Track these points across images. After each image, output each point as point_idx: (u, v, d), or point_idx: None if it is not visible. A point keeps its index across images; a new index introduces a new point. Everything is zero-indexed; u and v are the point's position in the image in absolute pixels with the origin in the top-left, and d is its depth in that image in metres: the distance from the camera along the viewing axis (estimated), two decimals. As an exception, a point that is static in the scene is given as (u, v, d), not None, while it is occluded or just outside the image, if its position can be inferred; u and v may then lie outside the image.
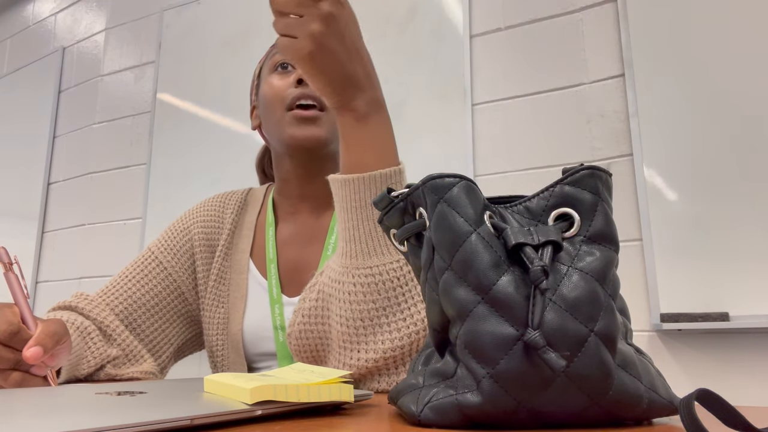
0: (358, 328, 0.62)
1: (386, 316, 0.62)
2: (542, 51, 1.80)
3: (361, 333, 0.62)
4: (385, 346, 0.61)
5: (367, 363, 0.62)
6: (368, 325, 0.62)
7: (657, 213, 1.53)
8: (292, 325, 0.68)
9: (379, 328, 0.62)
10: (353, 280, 0.62)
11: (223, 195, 0.95)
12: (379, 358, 0.62)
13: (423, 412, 0.36)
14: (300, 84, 0.83)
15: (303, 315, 0.67)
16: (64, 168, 2.78)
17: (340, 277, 0.64)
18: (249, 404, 0.37)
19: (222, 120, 2.34)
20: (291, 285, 0.85)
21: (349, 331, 0.63)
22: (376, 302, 0.62)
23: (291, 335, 0.68)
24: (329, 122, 0.84)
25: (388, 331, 0.62)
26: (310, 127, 0.82)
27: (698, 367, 1.47)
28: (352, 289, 0.62)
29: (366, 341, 0.62)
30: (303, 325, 0.67)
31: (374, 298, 0.62)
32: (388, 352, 0.61)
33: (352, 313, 0.62)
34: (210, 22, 2.48)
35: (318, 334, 0.67)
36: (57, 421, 0.31)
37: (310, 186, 0.87)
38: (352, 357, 0.63)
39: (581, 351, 0.33)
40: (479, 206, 0.38)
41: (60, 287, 2.63)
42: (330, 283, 0.65)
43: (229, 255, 0.89)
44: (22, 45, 3.20)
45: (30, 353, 0.54)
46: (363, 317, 0.62)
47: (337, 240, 0.80)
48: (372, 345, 0.62)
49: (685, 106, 1.55)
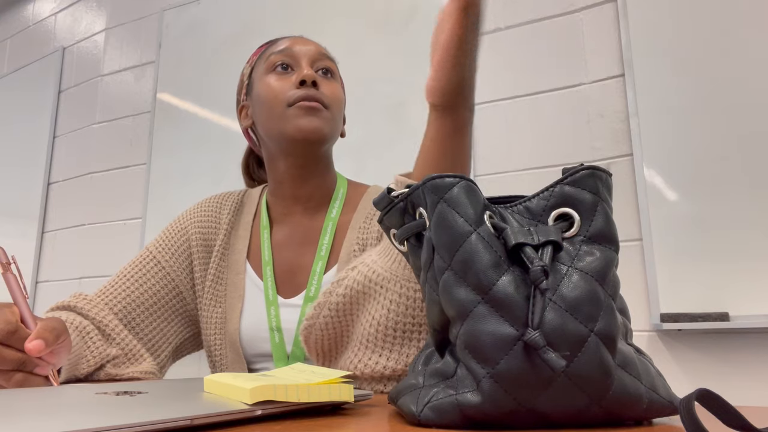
0: (387, 336, 0.62)
1: (419, 332, 0.62)
2: (542, 51, 1.80)
3: (389, 341, 0.62)
4: (410, 359, 0.61)
5: (386, 370, 0.62)
6: (399, 335, 0.61)
7: (657, 213, 1.53)
8: (316, 317, 0.66)
9: (408, 342, 0.62)
10: (400, 290, 0.61)
11: (220, 196, 0.96)
12: (399, 369, 0.61)
13: (423, 412, 0.36)
14: (302, 85, 0.82)
15: (329, 309, 0.65)
16: (64, 168, 2.78)
17: (385, 283, 0.62)
18: (249, 404, 0.37)
19: (222, 120, 2.34)
20: (286, 287, 0.85)
21: (378, 335, 0.62)
22: (415, 318, 0.61)
23: (313, 326, 0.66)
24: (332, 121, 0.84)
25: (417, 346, 0.61)
26: (316, 119, 0.82)
27: (698, 367, 1.47)
28: (396, 299, 0.61)
29: (392, 349, 0.62)
30: (329, 318, 0.65)
31: (415, 314, 0.61)
32: (409, 366, 0.61)
33: (387, 321, 0.61)
34: (210, 22, 2.48)
35: (340, 328, 0.65)
36: (57, 421, 0.31)
37: (303, 187, 0.88)
38: (372, 359, 0.62)
39: (581, 351, 0.33)
40: (479, 206, 0.38)
41: (60, 287, 2.63)
42: (369, 284, 0.63)
43: (226, 255, 0.90)
44: (22, 45, 3.20)
45: (32, 345, 0.54)
46: (397, 327, 0.61)
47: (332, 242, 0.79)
48: (396, 355, 0.62)
49: (685, 106, 1.55)
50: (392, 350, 0.62)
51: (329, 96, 0.84)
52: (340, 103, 0.87)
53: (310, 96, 0.82)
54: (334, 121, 0.85)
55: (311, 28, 2.18)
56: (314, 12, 2.22)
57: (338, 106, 0.86)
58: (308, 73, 0.82)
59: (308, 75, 0.82)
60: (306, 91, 0.82)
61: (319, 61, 0.87)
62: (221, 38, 2.42)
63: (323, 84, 0.84)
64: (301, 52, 0.86)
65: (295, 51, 0.86)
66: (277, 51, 0.87)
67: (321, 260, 0.83)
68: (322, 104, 0.83)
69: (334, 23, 2.16)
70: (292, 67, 0.86)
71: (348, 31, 2.10)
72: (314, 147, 0.84)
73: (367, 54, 2.03)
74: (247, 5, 2.39)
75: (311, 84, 0.82)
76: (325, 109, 0.83)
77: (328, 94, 0.84)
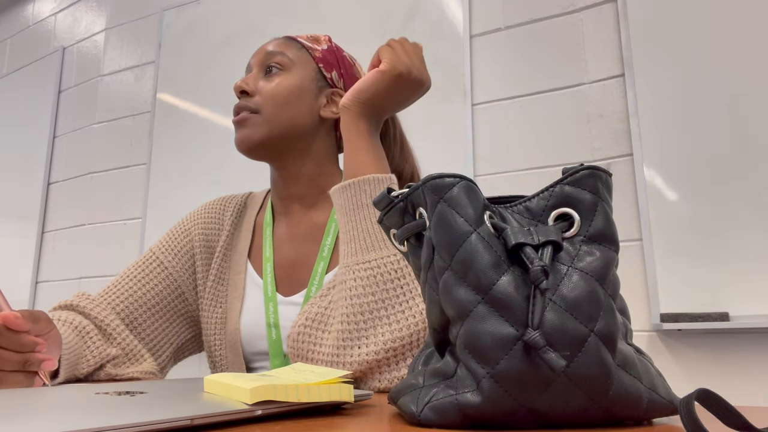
0: (358, 323, 0.64)
1: (385, 308, 0.63)
2: (542, 51, 1.80)
3: (361, 327, 0.64)
4: (386, 338, 0.63)
5: (368, 357, 0.63)
6: (368, 318, 0.64)
7: (657, 213, 1.53)
8: (294, 327, 0.70)
9: (378, 321, 0.63)
10: (353, 275, 0.65)
11: (224, 198, 0.97)
12: (379, 350, 0.63)
13: (423, 412, 0.36)
14: (238, 98, 0.87)
15: (307, 318, 0.69)
16: (64, 168, 2.78)
17: (342, 278, 0.67)
18: (249, 404, 0.37)
19: (222, 120, 2.34)
20: (286, 283, 0.86)
21: (350, 327, 0.64)
22: (375, 294, 0.64)
23: (290, 336, 0.70)
24: (265, 123, 0.84)
25: (388, 323, 0.63)
26: (241, 131, 0.85)
27: (698, 367, 1.47)
28: (352, 284, 0.65)
29: (366, 335, 0.63)
30: (304, 327, 0.69)
31: (373, 290, 0.64)
32: (388, 343, 0.63)
33: (353, 308, 0.64)
34: (210, 22, 2.48)
35: (315, 339, 0.68)
36: (57, 421, 0.31)
37: (294, 186, 0.89)
38: (353, 354, 0.64)
39: (581, 351, 0.33)
40: (479, 206, 0.38)
41: (60, 287, 2.63)
42: (335, 288, 0.68)
43: (228, 256, 0.91)
44: (22, 45, 3.20)
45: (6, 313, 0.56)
46: (363, 311, 0.64)
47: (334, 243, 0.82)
48: (372, 338, 0.63)
49: (685, 106, 1.55)
50: (368, 336, 0.64)
51: (262, 96, 0.85)
52: (280, 96, 0.85)
53: (236, 109, 0.86)
54: (271, 121, 0.84)
55: (311, 28, 2.18)
56: (314, 12, 2.22)
57: (274, 101, 0.85)
58: (236, 84, 0.86)
59: (236, 86, 0.86)
60: (236, 105, 0.87)
61: (268, 61, 0.88)
62: (221, 38, 2.42)
63: (259, 87, 0.86)
64: (255, 61, 0.89)
65: (251, 63, 0.90)
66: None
67: (323, 261, 0.84)
68: (249, 110, 0.84)
69: (334, 23, 2.16)
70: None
71: (348, 31, 2.10)
72: (258, 154, 0.86)
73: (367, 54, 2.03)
74: (247, 5, 2.39)
75: (240, 94, 0.86)
76: (254, 114, 0.84)
77: (262, 93, 0.85)
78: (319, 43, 0.91)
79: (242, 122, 0.85)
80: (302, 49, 0.89)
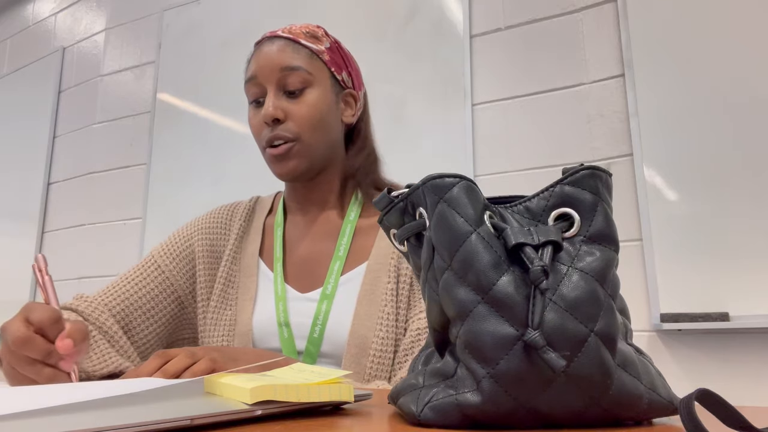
0: None
1: None
2: (542, 51, 1.80)
3: None
4: None
5: None
6: None
7: (657, 213, 1.53)
8: None
9: None
10: None
11: (232, 205, 0.98)
12: None
13: (423, 412, 0.36)
14: (268, 125, 0.83)
15: None
16: (64, 168, 2.78)
17: None
18: (249, 404, 0.37)
19: (222, 120, 2.34)
20: (299, 280, 0.87)
21: None
22: None
23: None
24: (308, 149, 0.84)
25: None
26: (286, 163, 0.84)
27: (698, 367, 1.47)
28: None
29: None
30: None
31: None
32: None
33: None
34: (210, 22, 2.48)
35: None
36: (57, 420, 0.31)
37: (314, 192, 0.90)
38: None
39: (581, 351, 0.33)
40: (479, 206, 0.38)
41: (60, 287, 2.61)
42: None
43: (237, 259, 0.92)
44: (22, 45, 3.20)
45: (63, 344, 0.57)
46: None
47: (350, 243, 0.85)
48: None
49: (685, 106, 1.55)
50: None
51: (297, 122, 0.82)
52: (312, 118, 0.83)
53: (272, 139, 0.83)
54: (312, 146, 0.84)
55: (311, 28, 2.18)
56: (314, 12, 2.22)
57: (310, 125, 0.83)
58: (266, 113, 0.82)
59: (267, 115, 0.82)
60: (270, 134, 0.83)
61: (285, 79, 0.83)
62: (221, 38, 2.42)
63: (289, 111, 0.83)
64: (266, 78, 0.84)
65: (261, 79, 0.84)
66: (247, 80, 0.86)
67: (339, 260, 0.84)
68: (287, 140, 0.82)
69: (334, 23, 2.16)
70: (263, 96, 0.85)
71: (348, 31, 2.10)
72: (300, 179, 0.87)
73: (367, 54, 2.03)
74: (247, 5, 2.39)
75: (272, 122, 0.82)
76: (295, 142, 0.83)
77: (296, 119, 0.82)
78: (320, 41, 0.87)
79: (285, 155, 0.83)
80: (313, 56, 0.85)
